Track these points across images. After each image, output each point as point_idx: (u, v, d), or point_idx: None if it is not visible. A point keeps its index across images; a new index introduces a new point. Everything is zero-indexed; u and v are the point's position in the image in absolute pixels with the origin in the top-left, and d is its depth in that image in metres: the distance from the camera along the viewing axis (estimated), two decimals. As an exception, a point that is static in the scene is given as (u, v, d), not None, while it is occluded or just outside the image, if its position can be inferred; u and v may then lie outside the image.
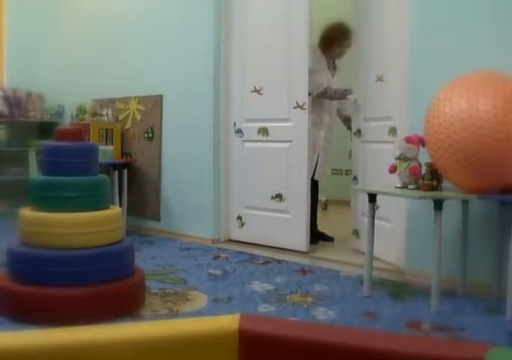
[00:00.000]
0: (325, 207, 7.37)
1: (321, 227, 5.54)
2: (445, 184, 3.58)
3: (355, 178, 5.08)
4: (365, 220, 3.91)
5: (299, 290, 3.88)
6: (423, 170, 3.59)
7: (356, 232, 5.05)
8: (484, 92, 3.20)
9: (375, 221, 3.80)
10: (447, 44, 3.93)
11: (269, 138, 5.11)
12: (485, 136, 3.13)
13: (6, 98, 7.03)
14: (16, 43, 7.33)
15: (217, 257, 4.88)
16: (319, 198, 5.60)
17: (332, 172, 7.98)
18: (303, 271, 4.39)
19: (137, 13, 6.16)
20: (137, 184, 6.10)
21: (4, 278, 3.34)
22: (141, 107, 6.08)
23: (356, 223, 5.06)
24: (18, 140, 7.04)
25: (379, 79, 4.60)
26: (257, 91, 5.23)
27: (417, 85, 4.06)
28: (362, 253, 4.27)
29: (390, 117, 4.44)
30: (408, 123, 4.12)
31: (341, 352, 1.50)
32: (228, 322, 1.53)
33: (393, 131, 4.39)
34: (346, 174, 7.80)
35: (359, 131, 5.01)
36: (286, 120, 4.99)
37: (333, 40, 5.28)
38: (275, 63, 5.06)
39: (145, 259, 4.64)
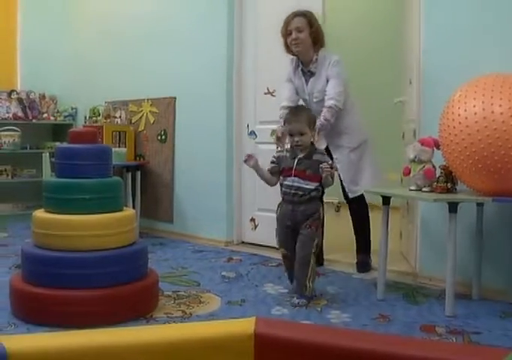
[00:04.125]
0: (338, 209, 7.34)
1: (334, 230, 5.50)
2: (460, 186, 3.56)
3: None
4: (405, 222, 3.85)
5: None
6: (438, 173, 3.57)
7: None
8: (499, 94, 3.17)
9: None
10: (462, 47, 3.92)
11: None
12: (500, 138, 3.10)
13: (20, 101, 7.06)
14: (29, 46, 7.37)
15: (230, 259, 4.88)
16: (331, 200, 5.48)
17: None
18: (317, 273, 4.37)
19: (149, 16, 6.17)
20: (150, 186, 6.11)
21: (19, 280, 3.35)
22: (154, 109, 6.08)
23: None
24: (32, 142, 7.08)
25: (410, 82, 4.59)
26: (270, 93, 5.22)
27: (432, 87, 4.05)
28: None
29: (414, 120, 4.42)
30: (423, 125, 4.11)
31: (357, 357, 1.48)
32: (244, 325, 1.53)
33: (415, 134, 4.36)
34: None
35: (403, 135, 4.98)
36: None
37: (281, 33, 4.45)
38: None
39: (158, 262, 4.64)
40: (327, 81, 4.27)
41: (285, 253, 3.75)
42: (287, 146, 3.84)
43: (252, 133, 5.37)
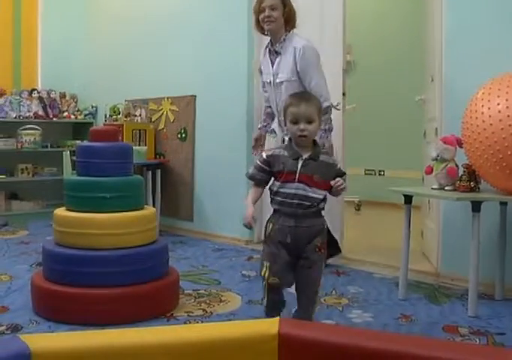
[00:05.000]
0: (358, 208, 7.31)
1: (354, 229, 5.47)
2: (483, 185, 3.52)
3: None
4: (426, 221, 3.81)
5: (333, 292, 3.85)
6: (461, 171, 3.53)
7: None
8: (524, 92, 3.13)
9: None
10: (485, 43, 3.88)
11: (302, 138, 5.07)
12: (525, 136, 3.07)
13: (41, 99, 7.10)
14: (50, 45, 7.40)
15: (250, 258, 4.87)
16: (352, 199, 5.46)
17: (365, 173, 7.92)
18: (337, 272, 4.35)
19: (170, 14, 6.17)
20: (171, 185, 6.11)
21: (40, 278, 3.37)
22: (174, 108, 6.09)
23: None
24: (52, 141, 7.12)
25: (432, 80, 4.55)
26: (290, 91, 5.19)
27: (454, 84, 4.01)
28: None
29: (435, 118, 4.37)
30: (445, 123, 4.07)
31: (380, 358, 1.47)
32: (267, 326, 1.51)
33: (437, 132, 4.32)
34: (379, 174, 7.75)
35: (424, 133, 4.95)
36: (319, 120, 4.94)
37: (254, 10, 4.37)
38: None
39: (178, 260, 4.64)
40: (296, 66, 4.14)
41: (276, 283, 2.80)
42: (285, 137, 3.02)
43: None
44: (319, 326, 1.59)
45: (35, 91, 7.10)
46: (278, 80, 4.23)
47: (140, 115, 6.21)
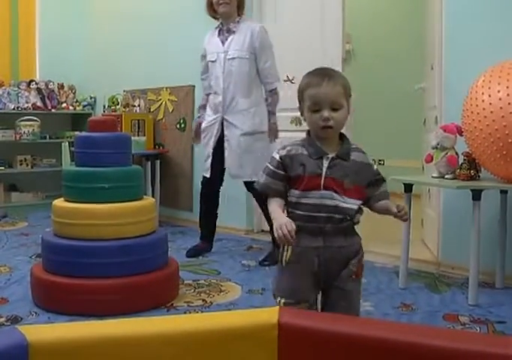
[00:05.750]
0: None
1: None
2: (483, 173, 3.50)
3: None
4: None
5: (333, 282, 3.84)
6: (461, 160, 3.51)
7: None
8: (525, 79, 3.11)
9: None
10: (485, 31, 3.85)
11: (302, 128, 5.05)
12: (525, 124, 3.05)
13: (39, 90, 7.08)
14: (48, 35, 7.36)
15: (250, 248, 4.86)
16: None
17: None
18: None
19: (170, 5, 6.13)
20: (170, 175, 6.10)
21: (40, 269, 3.36)
22: (173, 98, 6.07)
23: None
24: (51, 132, 7.10)
25: (432, 68, 4.53)
26: (289, 80, 5.16)
27: (454, 72, 3.99)
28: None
29: (435, 106, 4.35)
30: (445, 112, 4.05)
31: (381, 347, 1.46)
32: (267, 315, 1.50)
33: (437, 121, 4.30)
34: (379, 164, 7.72)
35: (424, 121, 4.93)
36: (319, 109, 4.92)
37: None
38: (309, 51, 4.99)
39: (178, 250, 4.64)
40: (252, 45, 4.27)
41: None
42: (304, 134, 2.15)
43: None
44: (319, 315, 1.58)
45: (33, 82, 7.07)
46: (229, 56, 4.32)
47: (139, 105, 6.19)
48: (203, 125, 4.52)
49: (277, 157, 2.08)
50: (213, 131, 4.41)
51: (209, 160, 4.45)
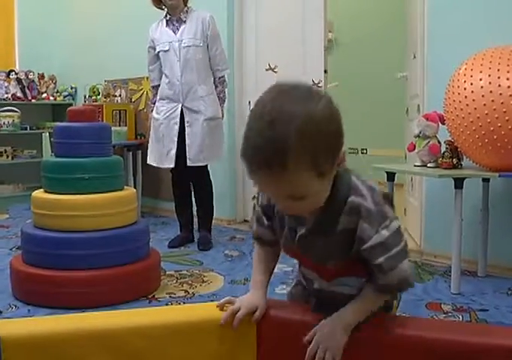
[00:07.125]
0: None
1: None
2: (465, 162, 3.50)
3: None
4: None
5: (316, 271, 3.83)
6: (443, 148, 3.51)
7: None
8: (507, 67, 3.10)
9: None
10: (467, 19, 3.84)
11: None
12: (507, 112, 3.03)
13: (19, 81, 6.98)
14: (27, 24, 7.26)
15: (233, 238, 4.84)
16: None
17: (347, 152, 7.87)
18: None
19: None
20: (151, 165, 6.04)
21: (20, 261, 3.31)
22: (154, 87, 6.01)
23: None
24: (31, 123, 7.01)
25: (414, 56, 4.51)
26: (271, 68, 5.14)
27: (436, 61, 3.98)
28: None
29: (418, 95, 4.34)
30: (428, 100, 4.04)
31: (360, 337, 1.44)
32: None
33: (419, 109, 4.29)
34: (362, 153, 7.71)
35: (407, 110, 4.92)
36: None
37: None
38: (290, 40, 4.96)
39: (160, 241, 4.61)
40: (204, 33, 4.37)
41: None
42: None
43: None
44: (299, 307, 1.56)
45: (13, 73, 6.97)
46: (184, 44, 4.35)
47: (120, 95, 6.14)
48: (160, 117, 4.49)
49: (264, 201, 1.51)
50: (176, 119, 4.40)
51: (174, 150, 4.41)
